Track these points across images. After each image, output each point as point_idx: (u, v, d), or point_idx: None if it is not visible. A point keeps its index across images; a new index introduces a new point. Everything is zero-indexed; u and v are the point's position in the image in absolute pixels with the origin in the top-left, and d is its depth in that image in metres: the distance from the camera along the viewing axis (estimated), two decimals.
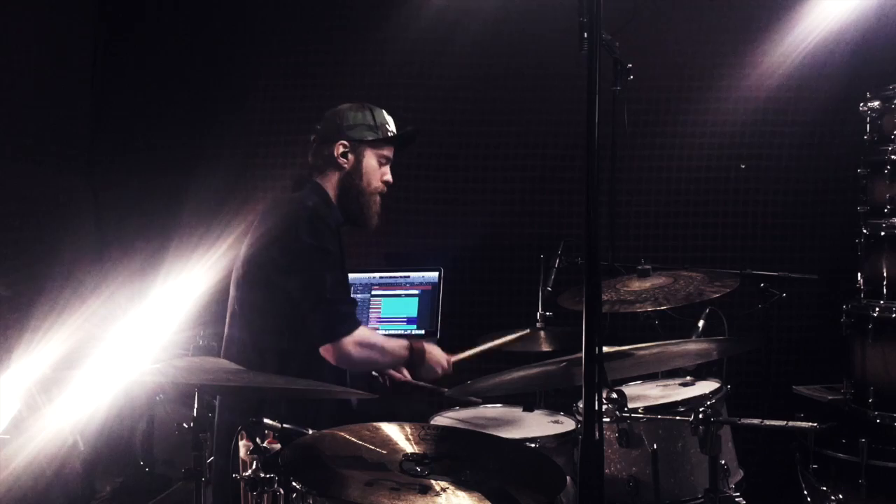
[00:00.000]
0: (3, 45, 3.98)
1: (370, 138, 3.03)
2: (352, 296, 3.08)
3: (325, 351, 2.82)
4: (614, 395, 2.61)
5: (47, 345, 3.41)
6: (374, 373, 3.18)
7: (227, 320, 2.97)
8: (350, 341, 2.82)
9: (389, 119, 3.10)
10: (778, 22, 4.29)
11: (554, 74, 4.30)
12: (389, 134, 3.07)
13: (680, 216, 4.43)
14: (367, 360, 2.92)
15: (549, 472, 2.19)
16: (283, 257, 2.84)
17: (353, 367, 2.92)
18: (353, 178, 3.02)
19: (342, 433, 2.14)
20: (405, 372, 3.17)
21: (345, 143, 3.02)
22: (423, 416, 3.04)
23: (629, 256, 3.77)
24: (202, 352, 3.76)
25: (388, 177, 3.09)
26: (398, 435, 2.14)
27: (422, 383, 3.13)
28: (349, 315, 2.87)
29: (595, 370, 1.86)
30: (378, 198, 3.08)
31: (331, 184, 3.03)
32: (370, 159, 3.04)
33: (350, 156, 3.02)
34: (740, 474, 2.91)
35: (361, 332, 2.86)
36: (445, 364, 3.05)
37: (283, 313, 2.83)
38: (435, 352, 3.05)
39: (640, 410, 2.71)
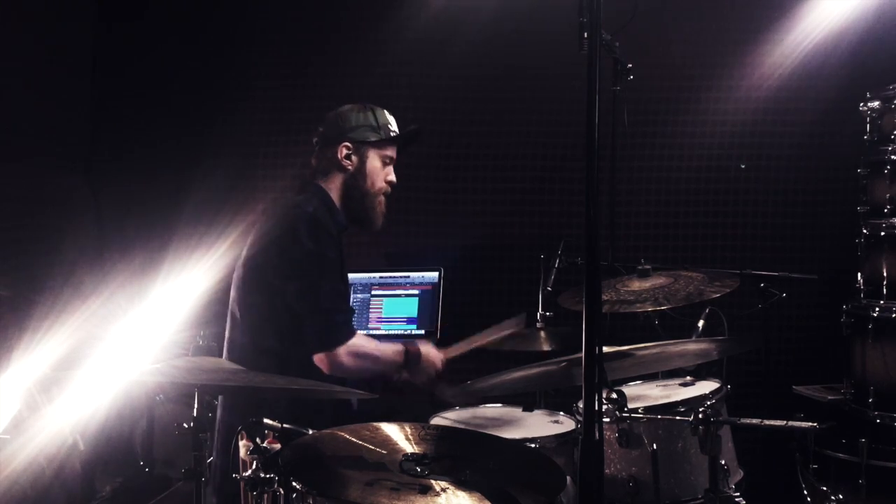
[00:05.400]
0: (3, 45, 3.97)
1: (373, 139, 3.02)
2: (349, 304, 3.06)
3: (319, 360, 2.81)
4: (614, 395, 2.62)
5: (47, 345, 3.40)
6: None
7: (228, 321, 2.97)
8: (343, 351, 2.81)
9: (391, 119, 3.10)
10: (778, 22, 4.28)
11: (554, 74, 4.29)
12: (392, 134, 3.07)
13: (680, 216, 4.43)
14: (360, 369, 2.90)
15: (549, 472, 2.19)
16: (281, 261, 2.83)
17: (346, 375, 2.90)
18: (357, 180, 3.02)
19: (342, 433, 2.14)
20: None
21: (348, 144, 3.01)
22: (423, 416, 3.03)
23: (629, 256, 3.76)
24: (202, 352, 3.75)
25: (392, 177, 3.09)
26: (398, 435, 2.14)
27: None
28: (343, 325, 2.86)
29: (595, 370, 1.86)
30: (383, 198, 3.07)
31: (334, 186, 3.02)
32: (373, 160, 3.04)
33: (353, 157, 3.02)
34: (740, 474, 2.91)
35: (355, 342, 2.85)
36: (439, 364, 3.04)
37: (282, 316, 2.82)
38: (430, 353, 3.04)
39: (640, 410, 2.71)
